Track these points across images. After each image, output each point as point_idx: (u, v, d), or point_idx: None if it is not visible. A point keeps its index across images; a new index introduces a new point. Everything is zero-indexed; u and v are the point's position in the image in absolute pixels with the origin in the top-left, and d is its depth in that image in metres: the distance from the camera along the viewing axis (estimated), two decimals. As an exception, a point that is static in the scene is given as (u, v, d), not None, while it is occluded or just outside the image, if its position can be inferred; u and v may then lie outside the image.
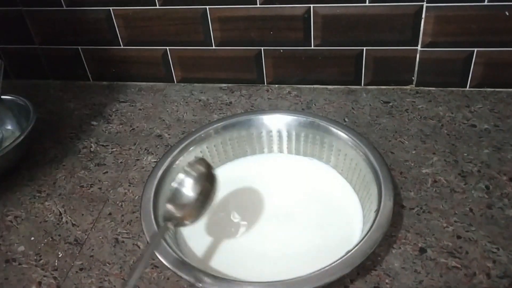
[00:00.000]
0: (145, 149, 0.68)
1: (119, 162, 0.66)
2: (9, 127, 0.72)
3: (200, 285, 0.44)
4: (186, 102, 0.77)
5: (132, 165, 0.66)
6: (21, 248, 0.56)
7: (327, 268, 0.43)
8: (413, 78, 0.73)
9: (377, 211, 0.47)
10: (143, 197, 0.54)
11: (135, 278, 0.40)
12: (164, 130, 0.71)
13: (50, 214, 0.60)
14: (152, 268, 0.51)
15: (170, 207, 0.48)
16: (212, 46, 0.75)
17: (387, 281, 0.49)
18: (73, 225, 0.58)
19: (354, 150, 0.55)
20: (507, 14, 0.65)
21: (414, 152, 0.63)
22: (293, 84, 0.77)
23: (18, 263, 0.54)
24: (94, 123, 0.74)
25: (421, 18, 0.67)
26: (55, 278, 0.52)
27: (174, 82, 0.81)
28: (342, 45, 0.72)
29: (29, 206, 0.61)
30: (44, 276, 0.53)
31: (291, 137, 0.60)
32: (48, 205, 0.61)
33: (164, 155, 0.59)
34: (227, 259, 0.51)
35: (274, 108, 0.73)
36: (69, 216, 0.59)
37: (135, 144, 0.69)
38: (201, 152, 0.60)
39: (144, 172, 0.64)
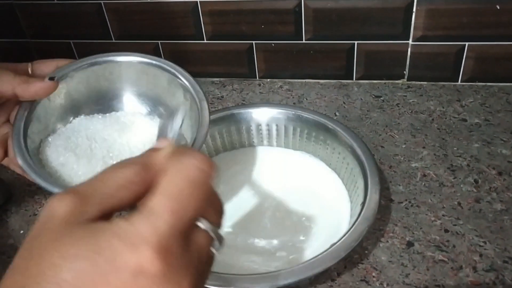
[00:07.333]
0: (136, 143, 0.68)
1: (109, 156, 0.66)
2: None
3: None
4: (178, 96, 0.76)
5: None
6: (11, 241, 0.56)
7: (311, 260, 0.43)
8: (404, 72, 0.73)
9: (363, 204, 0.48)
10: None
11: None
12: (155, 124, 0.71)
13: (40, 207, 0.60)
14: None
15: None
16: (203, 40, 0.75)
17: (374, 274, 0.49)
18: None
19: (342, 144, 0.55)
20: (498, 7, 0.64)
21: (404, 146, 0.63)
22: (285, 78, 0.77)
23: (7, 256, 0.54)
24: (86, 117, 0.74)
25: (412, 11, 0.67)
26: (43, 271, 0.52)
27: (166, 76, 0.81)
28: (333, 39, 0.72)
29: (19, 200, 0.61)
30: (33, 269, 0.53)
31: (280, 131, 0.60)
32: (38, 198, 0.61)
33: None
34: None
35: (265, 102, 0.72)
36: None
37: (125, 138, 0.69)
38: (190, 146, 0.60)
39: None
